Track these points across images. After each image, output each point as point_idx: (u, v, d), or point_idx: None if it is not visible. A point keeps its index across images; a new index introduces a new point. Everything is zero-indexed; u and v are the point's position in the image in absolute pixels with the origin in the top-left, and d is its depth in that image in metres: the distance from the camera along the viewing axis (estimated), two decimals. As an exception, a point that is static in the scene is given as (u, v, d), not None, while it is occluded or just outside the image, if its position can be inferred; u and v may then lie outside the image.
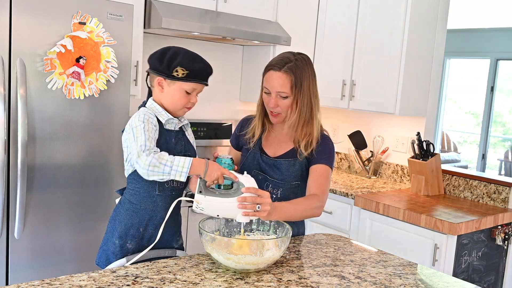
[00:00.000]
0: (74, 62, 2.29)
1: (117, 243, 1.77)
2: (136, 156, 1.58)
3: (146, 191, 1.76)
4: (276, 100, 1.86)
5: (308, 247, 1.88)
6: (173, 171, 1.57)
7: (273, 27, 3.35)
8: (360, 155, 3.64)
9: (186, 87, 1.72)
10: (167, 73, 1.69)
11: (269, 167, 1.93)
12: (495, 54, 7.67)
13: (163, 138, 1.74)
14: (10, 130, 2.20)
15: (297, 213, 1.79)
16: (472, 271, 2.76)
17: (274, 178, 1.92)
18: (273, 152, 1.96)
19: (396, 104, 3.18)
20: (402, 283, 1.57)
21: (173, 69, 1.68)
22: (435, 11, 3.27)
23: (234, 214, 1.61)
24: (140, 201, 1.77)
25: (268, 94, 1.89)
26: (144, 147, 1.59)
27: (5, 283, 2.28)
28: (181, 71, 1.68)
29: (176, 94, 1.72)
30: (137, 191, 1.77)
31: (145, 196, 1.76)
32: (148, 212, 1.77)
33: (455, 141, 8.55)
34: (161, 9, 2.82)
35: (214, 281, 1.49)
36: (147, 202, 1.76)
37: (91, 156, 2.44)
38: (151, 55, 1.75)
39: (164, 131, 1.75)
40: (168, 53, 1.70)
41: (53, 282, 1.40)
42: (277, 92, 1.85)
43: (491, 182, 3.05)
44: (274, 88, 1.86)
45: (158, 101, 1.76)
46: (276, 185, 1.92)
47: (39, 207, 2.33)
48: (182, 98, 1.73)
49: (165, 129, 1.76)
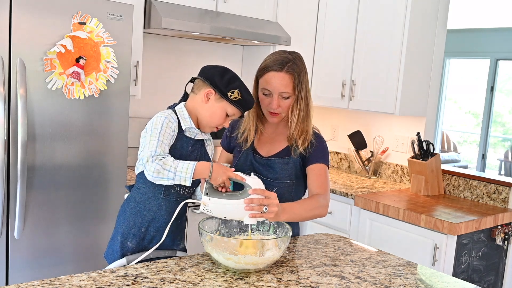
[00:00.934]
0: (74, 62, 2.29)
1: (119, 240, 1.79)
2: (145, 161, 1.61)
3: (151, 192, 1.76)
4: (278, 100, 1.86)
5: (308, 247, 1.88)
6: (177, 176, 1.59)
7: (273, 27, 3.35)
8: (360, 155, 3.64)
9: (230, 110, 1.75)
10: (223, 89, 1.71)
11: (262, 167, 1.91)
12: (495, 54, 7.67)
13: (180, 144, 1.74)
14: (10, 130, 2.20)
15: (305, 213, 1.80)
16: (472, 271, 2.76)
17: (268, 177, 1.90)
18: (266, 152, 1.95)
19: (396, 104, 3.18)
20: (402, 283, 1.57)
21: (230, 89, 1.72)
22: (435, 11, 3.27)
23: (242, 216, 1.61)
24: (145, 201, 1.77)
25: (267, 95, 1.87)
26: (153, 153, 1.61)
27: (5, 283, 2.28)
28: (237, 94, 1.72)
29: (218, 111, 1.75)
30: (143, 191, 1.77)
31: (150, 197, 1.76)
32: (151, 213, 1.77)
33: (455, 141, 8.55)
34: (161, 9, 2.82)
35: (214, 281, 1.49)
36: (151, 203, 1.77)
37: (91, 156, 2.44)
38: (210, 67, 1.76)
39: (183, 137, 1.75)
40: (229, 73, 1.74)
41: (53, 282, 1.40)
42: (279, 93, 1.85)
43: (491, 182, 3.05)
44: (277, 89, 1.84)
45: (192, 109, 1.77)
46: (270, 185, 1.90)
47: (39, 207, 2.33)
48: (221, 117, 1.76)
49: (184, 135, 1.76)
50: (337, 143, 3.96)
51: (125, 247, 1.78)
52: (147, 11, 2.87)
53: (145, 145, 1.67)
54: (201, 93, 1.74)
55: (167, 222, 1.75)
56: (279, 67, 1.83)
